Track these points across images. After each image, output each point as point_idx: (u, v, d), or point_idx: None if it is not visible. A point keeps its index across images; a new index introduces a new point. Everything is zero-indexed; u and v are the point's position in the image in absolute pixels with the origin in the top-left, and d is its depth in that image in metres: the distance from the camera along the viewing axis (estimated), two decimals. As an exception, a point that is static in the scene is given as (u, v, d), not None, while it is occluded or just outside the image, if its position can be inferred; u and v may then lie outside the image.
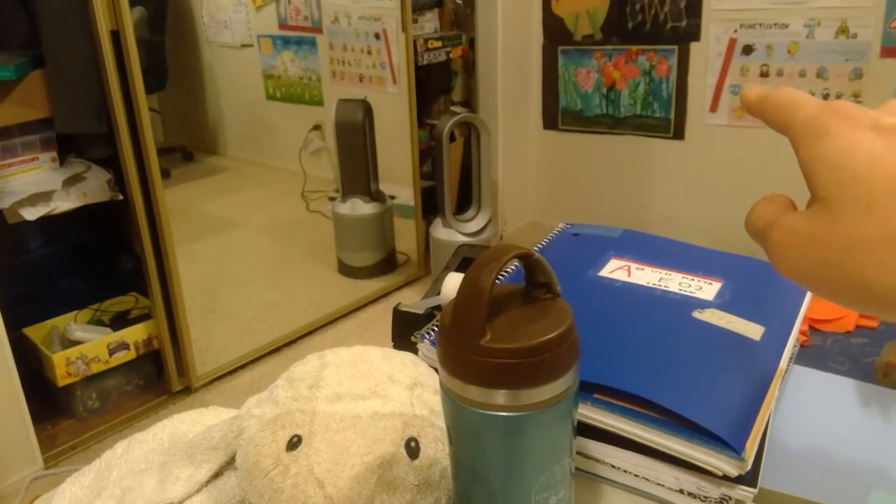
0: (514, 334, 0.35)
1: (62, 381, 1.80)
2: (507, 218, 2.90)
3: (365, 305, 2.52)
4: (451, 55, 2.64)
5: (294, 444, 0.41)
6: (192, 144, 3.82)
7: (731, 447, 0.45)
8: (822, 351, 0.70)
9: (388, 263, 2.69)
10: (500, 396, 0.35)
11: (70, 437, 1.83)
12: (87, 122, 1.73)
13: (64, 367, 1.79)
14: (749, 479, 0.48)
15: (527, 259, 0.37)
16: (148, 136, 1.78)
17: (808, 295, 0.67)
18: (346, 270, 2.67)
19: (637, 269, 0.66)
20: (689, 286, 0.62)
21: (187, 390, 2.04)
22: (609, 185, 2.73)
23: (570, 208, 2.87)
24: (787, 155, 0.31)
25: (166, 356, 1.98)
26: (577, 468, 0.52)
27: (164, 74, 3.30)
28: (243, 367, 2.17)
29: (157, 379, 2.04)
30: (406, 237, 2.73)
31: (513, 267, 0.67)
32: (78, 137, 1.84)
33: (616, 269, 0.66)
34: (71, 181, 1.78)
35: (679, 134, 2.48)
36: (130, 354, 1.93)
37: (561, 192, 2.90)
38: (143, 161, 1.79)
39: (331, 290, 2.59)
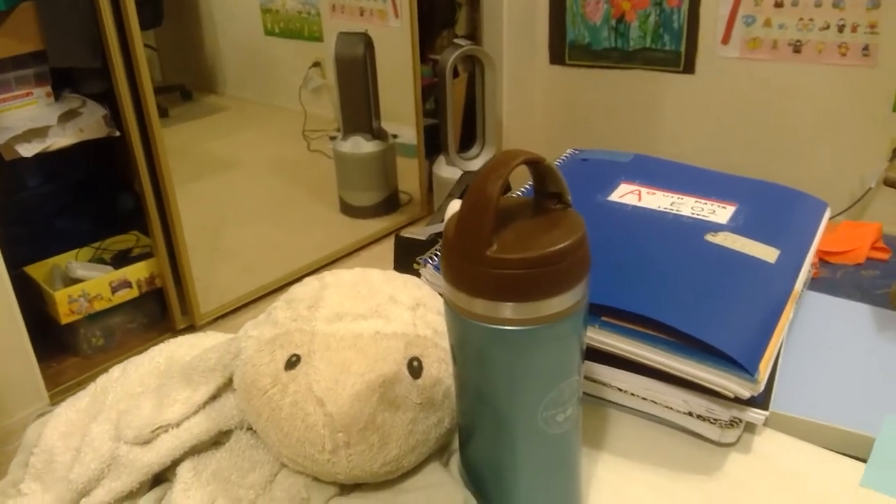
0: (523, 244, 0.33)
1: (65, 319, 1.80)
2: (511, 157, 2.85)
3: (368, 245, 2.51)
4: (454, -14, 2.55)
5: (293, 363, 0.40)
6: (190, 83, 3.75)
7: (745, 368, 0.44)
8: (832, 283, 0.68)
9: (390, 203, 2.66)
10: (508, 309, 0.33)
11: (75, 374, 1.84)
12: (82, 55, 1.68)
13: (66, 304, 1.79)
14: (761, 401, 0.47)
15: (537, 166, 0.35)
16: (143, 70, 1.73)
17: (824, 220, 0.65)
18: (348, 210, 2.65)
19: (648, 193, 0.63)
20: (702, 210, 0.60)
21: (191, 328, 2.04)
22: (617, 122, 2.67)
23: (576, 145, 2.81)
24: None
25: (169, 294, 1.98)
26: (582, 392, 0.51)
27: (160, 9, 3.20)
28: (246, 306, 2.17)
29: (161, 317, 2.04)
30: (409, 177, 2.69)
31: (525, 188, 0.65)
32: (72, 72, 1.79)
33: (626, 194, 0.63)
34: (66, 117, 1.74)
35: (689, 68, 2.41)
36: (133, 293, 1.92)
37: (567, 128, 2.85)
38: (139, 96, 1.75)
39: (333, 229, 2.57)
